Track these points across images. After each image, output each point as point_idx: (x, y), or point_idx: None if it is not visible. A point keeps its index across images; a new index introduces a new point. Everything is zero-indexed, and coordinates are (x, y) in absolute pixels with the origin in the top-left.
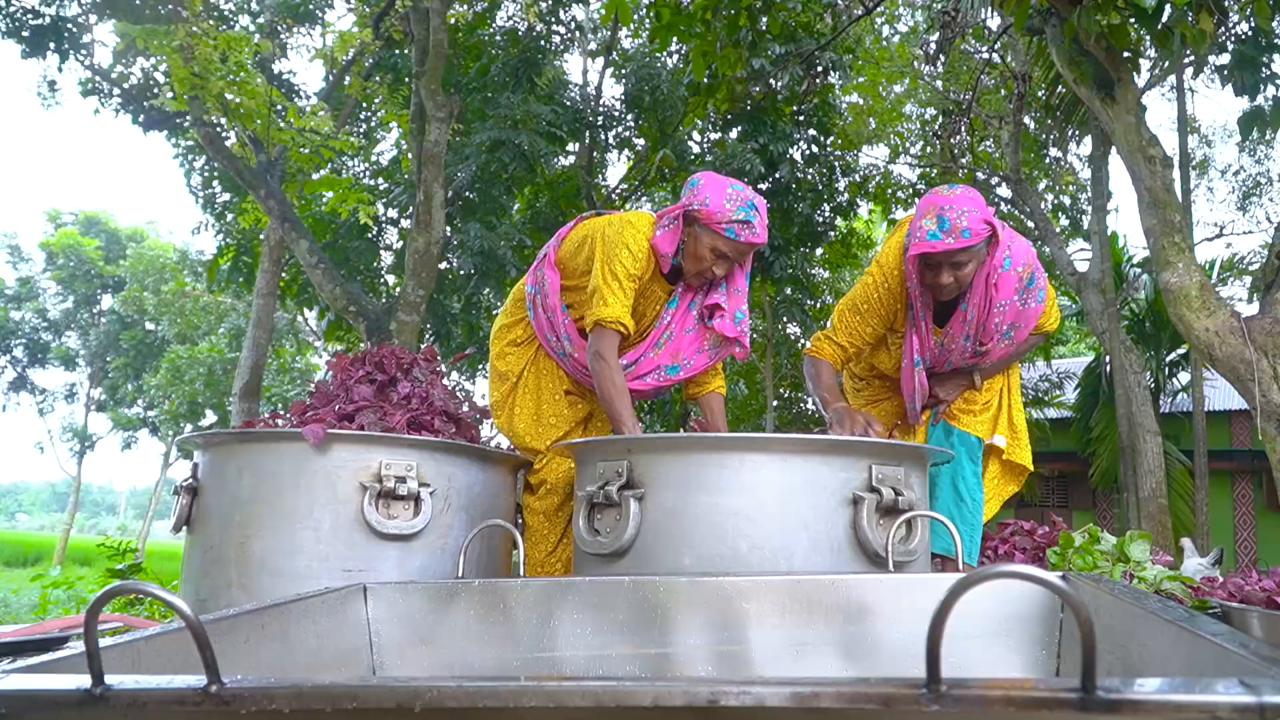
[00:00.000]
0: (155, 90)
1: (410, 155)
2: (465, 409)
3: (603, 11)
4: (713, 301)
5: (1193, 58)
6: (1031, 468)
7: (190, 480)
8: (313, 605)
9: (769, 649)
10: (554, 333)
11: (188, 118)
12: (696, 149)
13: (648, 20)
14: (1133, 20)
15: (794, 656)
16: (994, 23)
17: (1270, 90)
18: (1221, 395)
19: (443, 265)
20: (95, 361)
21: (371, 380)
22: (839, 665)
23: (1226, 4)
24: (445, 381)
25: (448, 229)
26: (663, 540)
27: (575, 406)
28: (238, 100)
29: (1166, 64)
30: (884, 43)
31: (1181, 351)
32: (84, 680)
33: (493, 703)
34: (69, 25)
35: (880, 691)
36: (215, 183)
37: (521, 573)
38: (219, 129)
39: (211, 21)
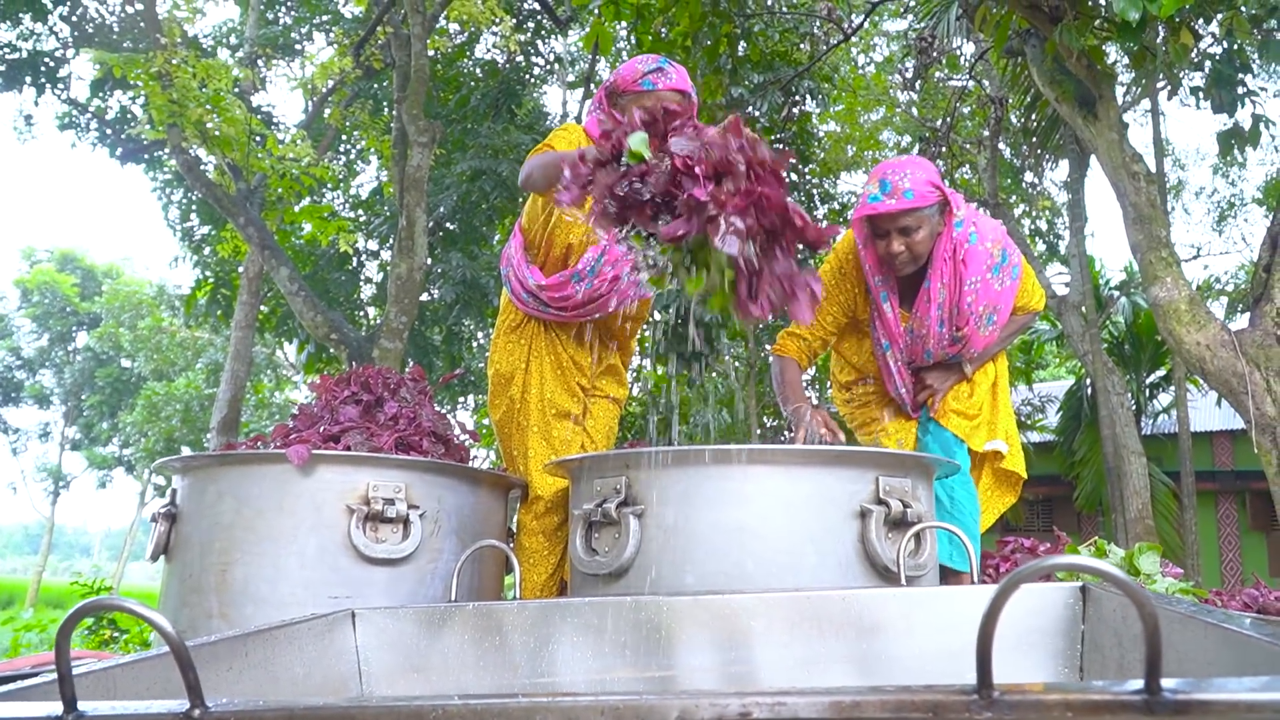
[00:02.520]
0: (133, 122)
1: (392, 182)
2: (455, 430)
3: (581, 44)
4: None
5: (1165, 81)
6: (1025, 475)
7: (168, 506)
8: (299, 632)
9: (778, 668)
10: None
11: (165, 148)
12: None
13: (626, 50)
14: (1109, 41)
15: (804, 675)
16: (969, 49)
17: (1248, 107)
18: (1203, 416)
19: (424, 296)
20: (70, 399)
21: (357, 401)
22: (852, 683)
23: (1196, 26)
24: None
25: (429, 259)
26: (664, 558)
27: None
28: (216, 128)
29: (1141, 86)
30: (860, 71)
31: (1161, 373)
32: (55, 707)
33: None
34: (46, 59)
35: (927, 699)
36: (193, 215)
37: (516, 597)
38: (197, 158)
39: (192, 53)
